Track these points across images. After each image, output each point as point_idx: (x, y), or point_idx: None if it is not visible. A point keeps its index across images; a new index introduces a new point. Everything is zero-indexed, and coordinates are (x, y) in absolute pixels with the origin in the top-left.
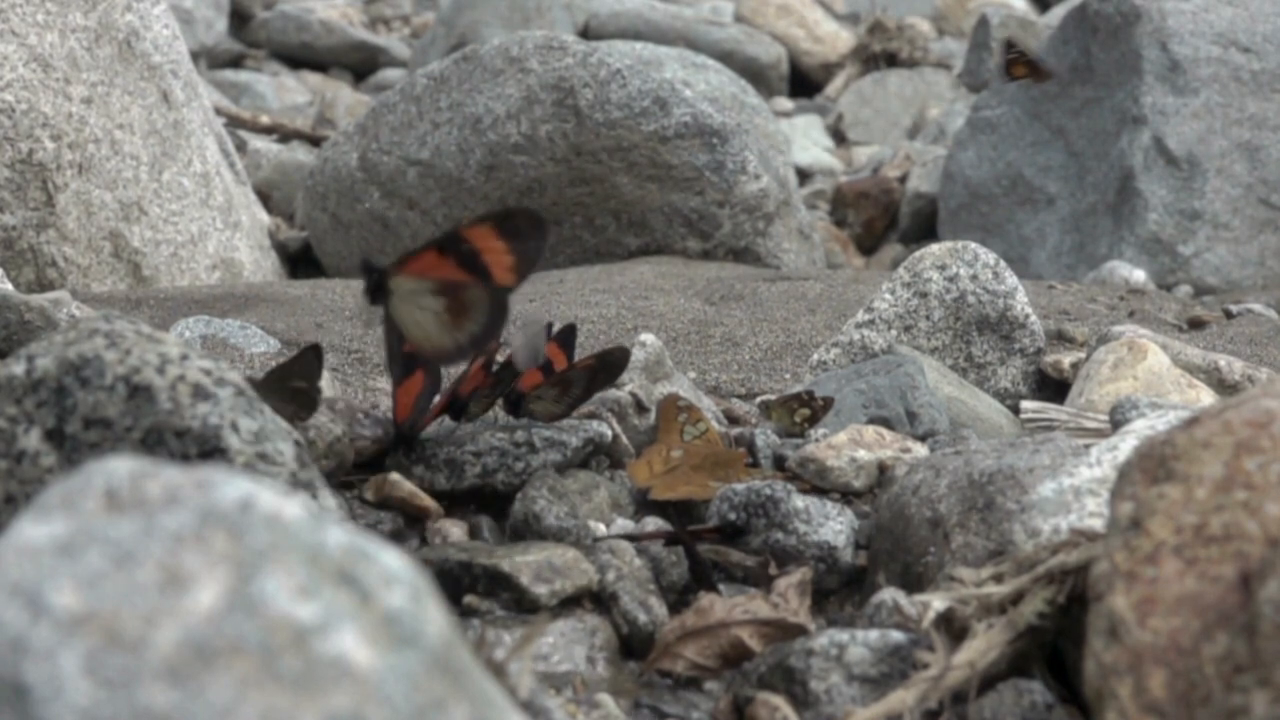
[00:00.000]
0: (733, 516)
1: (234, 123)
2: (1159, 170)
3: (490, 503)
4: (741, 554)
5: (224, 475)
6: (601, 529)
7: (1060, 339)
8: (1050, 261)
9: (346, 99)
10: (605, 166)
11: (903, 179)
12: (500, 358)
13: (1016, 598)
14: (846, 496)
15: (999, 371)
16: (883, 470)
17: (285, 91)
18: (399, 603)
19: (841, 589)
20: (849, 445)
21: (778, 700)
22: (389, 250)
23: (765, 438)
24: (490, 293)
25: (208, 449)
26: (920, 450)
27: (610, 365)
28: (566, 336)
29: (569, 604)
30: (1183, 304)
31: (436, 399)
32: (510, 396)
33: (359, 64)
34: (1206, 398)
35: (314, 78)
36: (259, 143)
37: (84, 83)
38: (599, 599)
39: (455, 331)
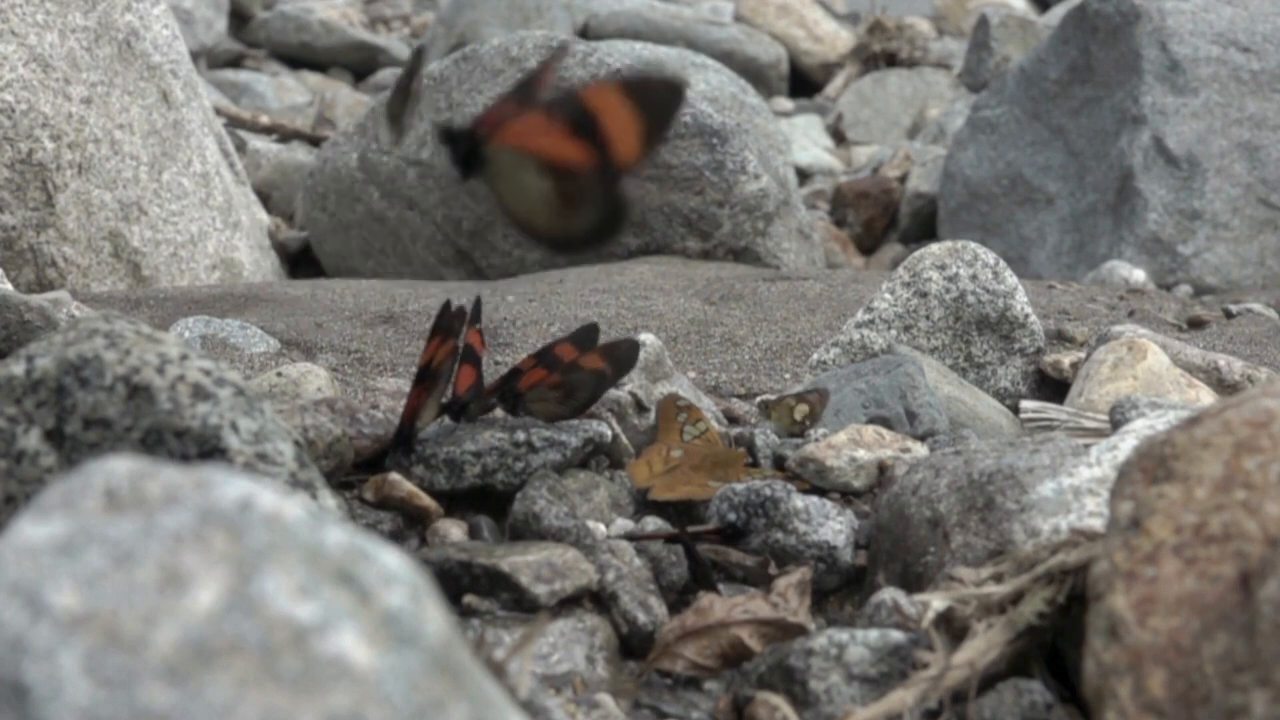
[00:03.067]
0: (732, 516)
1: (234, 123)
2: (1159, 170)
3: (490, 503)
4: (741, 554)
5: (224, 475)
6: (601, 529)
7: (1060, 339)
8: (1050, 261)
9: (346, 99)
10: None
11: (903, 179)
12: (493, 357)
13: (1016, 597)
14: (846, 496)
15: (999, 371)
16: (882, 470)
17: (285, 91)
18: (398, 602)
19: (841, 589)
20: (849, 445)
21: (777, 700)
22: (388, 250)
23: (765, 438)
24: (607, 176)
25: (207, 449)
26: (920, 450)
27: (619, 361)
28: (585, 337)
29: (568, 604)
30: (1182, 304)
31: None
32: (508, 395)
33: (359, 64)
34: (1206, 397)
35: (314, 78)
36: (259, 143)
37: (84, 83)
38: (599, 599)
39: (564, 219)
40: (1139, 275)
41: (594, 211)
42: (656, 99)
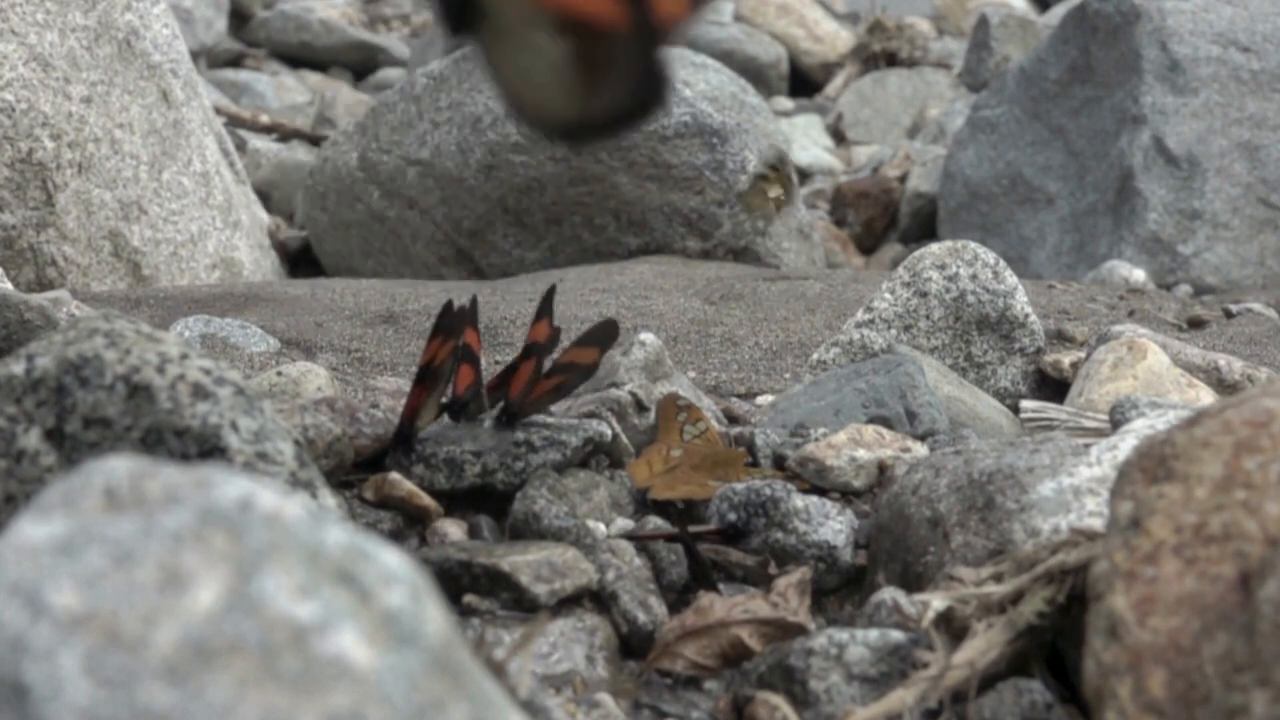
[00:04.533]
0: (732, 516)
1: (234, 122)
2: (1159, 170)
3: (490, 502)
4: (741, 553)
5: (223, 475)
6: (601, 528)
7: (1060, 338)
8: (1050, 261)
9: (346, 98)
10: (605, 166)
11: (903, 179)
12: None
13: (1016, 597)
14: (846, 496)
15: (999, 371)
16: (882, 470)
17: (285, 91)
18: (398, 602)
19: (841, 588)
20: (848, 445)
21: (777, 700)
22: (388, 250)
23: (765, 437)
24: (644, 38)
25: (207, 448)
26: (920, 450)
27: (604, 340)
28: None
29: (568, 603)
30: (1182, 303)
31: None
32: (504, 416)
33: (358, 63)
34: (1206, 397)
35: (314, 77)
36: (259, 142)
37: (84, 82)
38: (599, 598)
39: (585, 95)
40: (1139, 275)
41: (627, 83)
42: None
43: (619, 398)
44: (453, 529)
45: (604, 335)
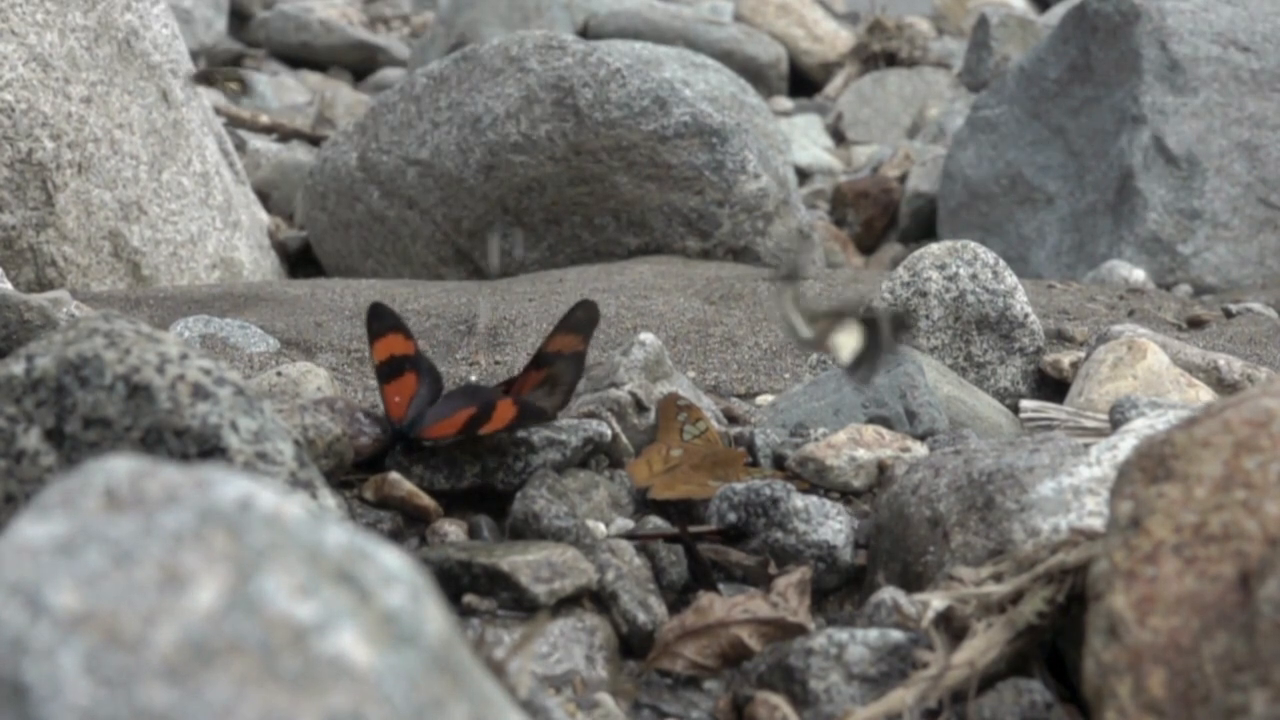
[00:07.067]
0: (732, 516)
1: (233, 122)
2: (1158, 169)
3: (490, 502)
4: (741, 553)
5: (223, 474)
6: (601, 528)
7: (1060, 338)
8: (1050, 261)
9: (346, 98)
10: (605, 166)
11: (902, 178)
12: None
13: (1016, 597)
14: (846, 496)
15: (998, 371)
16: (882, 469)
17: (285, 91)
18: (398, 602)
19: (841, 588)
20: (848, 444)
21: (777, 699)
22: (388, 250)
23: (765, 437)
24: None
25: (207, 448)
26: (920, 450)
27: (585, 325)
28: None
29: (568, 603)
30: (1182, 303)
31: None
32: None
33: (358, 63)
34: (1206, 397)
35: (313, 77)
36: (258, 142)
37: (83, 82)
38: (598, 598)
39: None
40: (1139, 275)
41: None
42: None
43: (619, 398)
44: (453, 529)
45: (583, 319)
